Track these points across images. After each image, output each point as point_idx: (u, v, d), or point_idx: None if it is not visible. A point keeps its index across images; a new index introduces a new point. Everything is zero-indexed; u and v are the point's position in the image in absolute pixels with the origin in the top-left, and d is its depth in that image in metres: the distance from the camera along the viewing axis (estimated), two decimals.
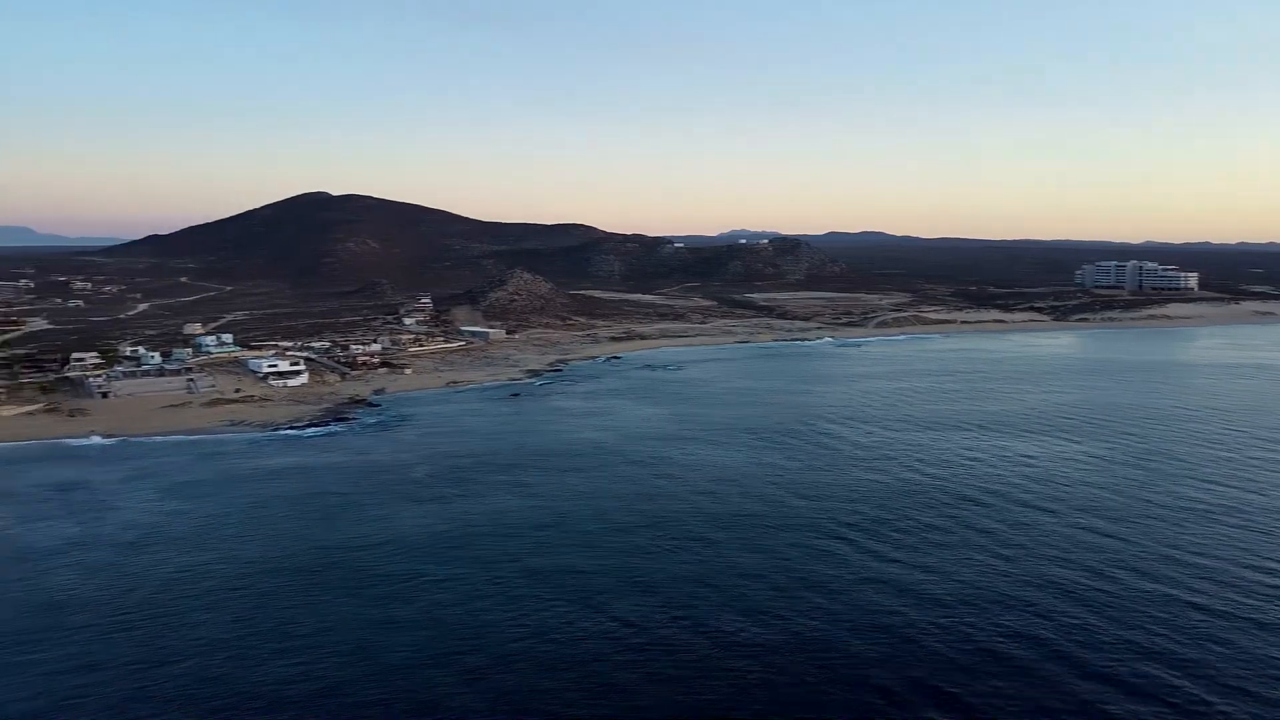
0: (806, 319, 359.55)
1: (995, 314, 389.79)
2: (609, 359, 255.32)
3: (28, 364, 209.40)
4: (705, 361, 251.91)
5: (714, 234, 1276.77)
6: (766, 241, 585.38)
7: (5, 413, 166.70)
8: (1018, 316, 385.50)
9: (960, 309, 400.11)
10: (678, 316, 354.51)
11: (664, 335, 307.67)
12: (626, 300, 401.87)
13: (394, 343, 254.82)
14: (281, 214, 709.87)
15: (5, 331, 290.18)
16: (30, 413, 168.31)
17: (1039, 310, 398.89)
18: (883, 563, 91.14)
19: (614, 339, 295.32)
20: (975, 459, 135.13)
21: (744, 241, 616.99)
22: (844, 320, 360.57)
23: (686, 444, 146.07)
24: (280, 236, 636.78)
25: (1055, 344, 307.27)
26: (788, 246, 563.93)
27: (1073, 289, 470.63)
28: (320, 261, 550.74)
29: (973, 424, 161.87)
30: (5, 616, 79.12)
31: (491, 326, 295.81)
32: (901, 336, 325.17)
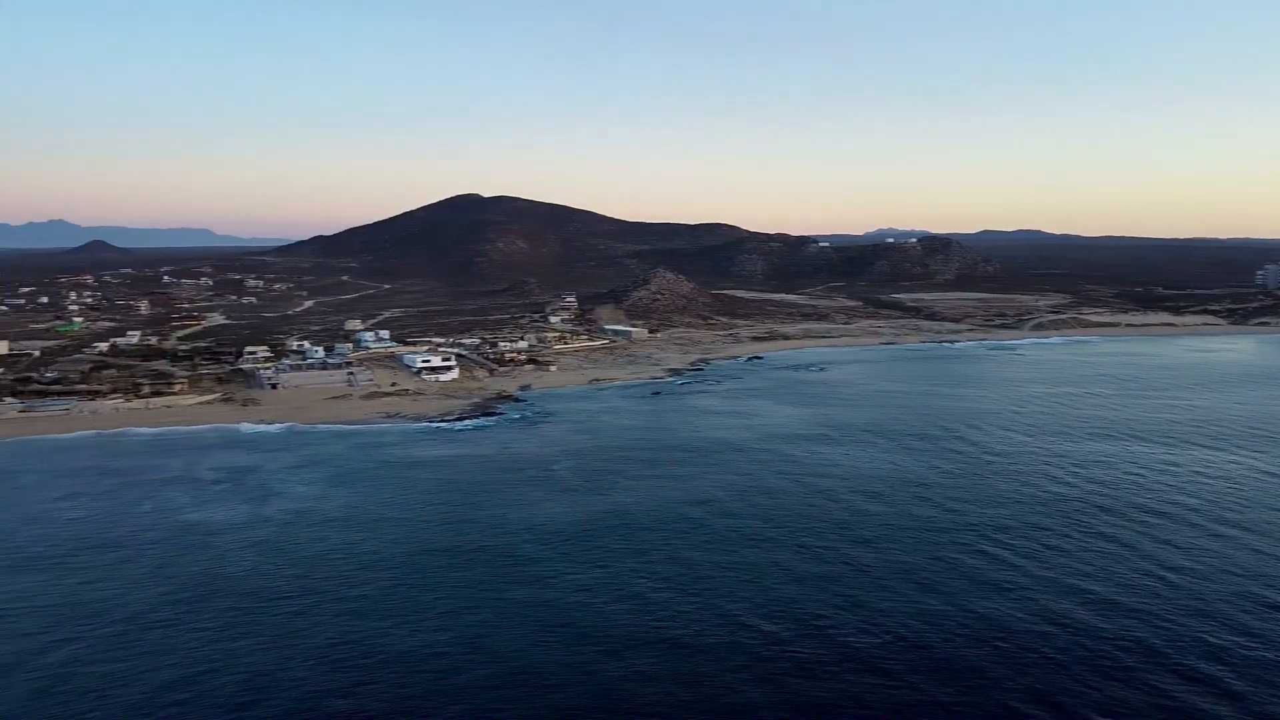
0: (956, 321, 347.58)
1: (1164, 317, 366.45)
2: (750, 359, 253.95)
3: (206, 356, 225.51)
4: (849, 363, 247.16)
5: (860, 233, 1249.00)
6: (915, 241, 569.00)
7: (185, 401, 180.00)
8: (1189, 320, 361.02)
9: (1124, 311, 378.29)
10: (821, 317, 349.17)
11: (807, 335, 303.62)
12: (769, 300, 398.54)
13: (540, 340, 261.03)
14: (437, 215, 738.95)
15: (187, 326, 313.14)
16: (208, 401, 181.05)
17: (1214, 313, 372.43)
18: (1037, 583, 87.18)
19: (756, 339, 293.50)
20: (1143, 472, 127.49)
21: (891, 241, 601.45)
22: (996, 322, 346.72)
23: (828, 446, 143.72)
24: (435, 237, 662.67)
25: (1233, 349, 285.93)
26: (937, 246, 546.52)
27: (1253, 290, 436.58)
28: (472, 261, 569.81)
29: (1140, 434, 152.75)
30: (185, 585, 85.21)
31: (634, 325, 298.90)
32: (1059, 340, 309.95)
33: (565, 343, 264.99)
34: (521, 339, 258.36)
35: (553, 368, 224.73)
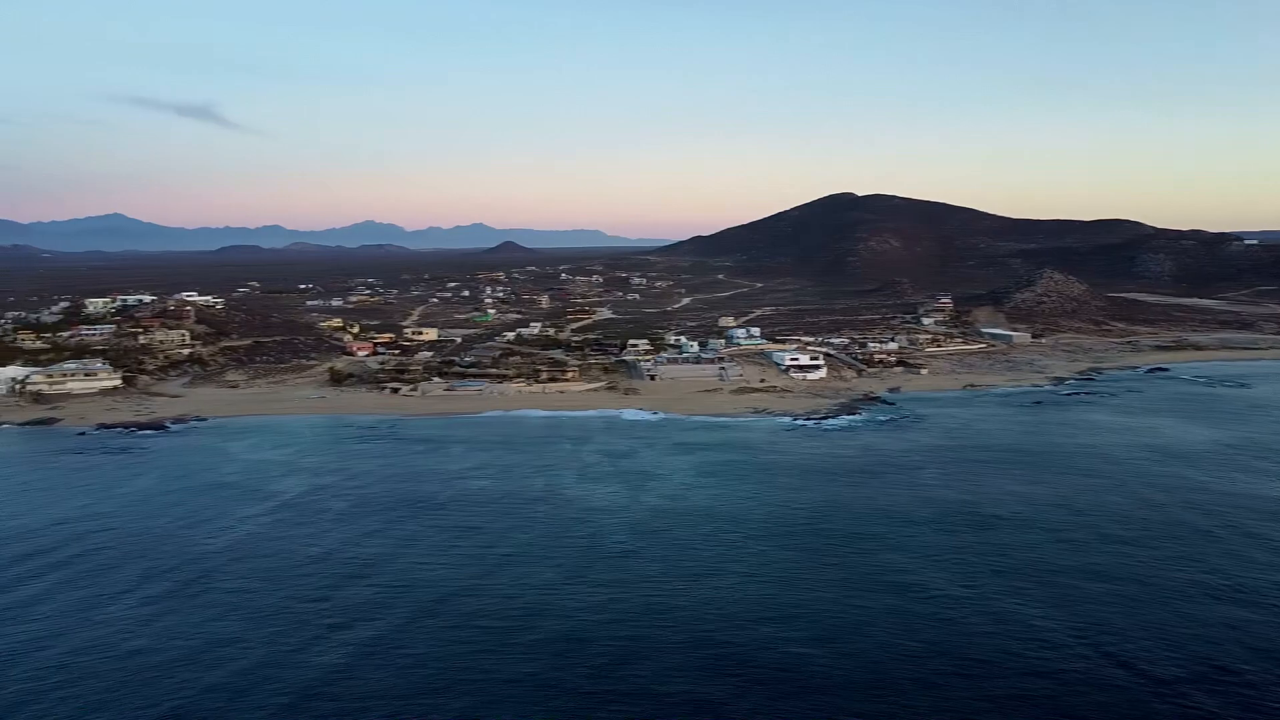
0: None
1: None
2: (1152, 370, 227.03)
3: (595, 347, 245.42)
4: None
5: None
6: None
7: (576, 387, 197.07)
8: None
9: None
10: (1244, 325, 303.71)
11: (1225, 346, 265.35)
12: (1178, 305, 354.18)
13: (911, 342, 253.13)
14: (809, 215, 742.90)
15: (579, 319, 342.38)
16: (595, 389, 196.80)
17: None
18: None
19: (1160, 348, 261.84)
20: None
21: None
22: None
23: (1251, 476, 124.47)
24: (807, 236, 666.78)
25: None
26: None
27: None
28: (843, 260, 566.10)
29: None
30: (568, 557, 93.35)
31: (1015, 329, 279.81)
32: None
33: (938, 345, 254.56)
34: (891, 340, 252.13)
35: (924, 371, 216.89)
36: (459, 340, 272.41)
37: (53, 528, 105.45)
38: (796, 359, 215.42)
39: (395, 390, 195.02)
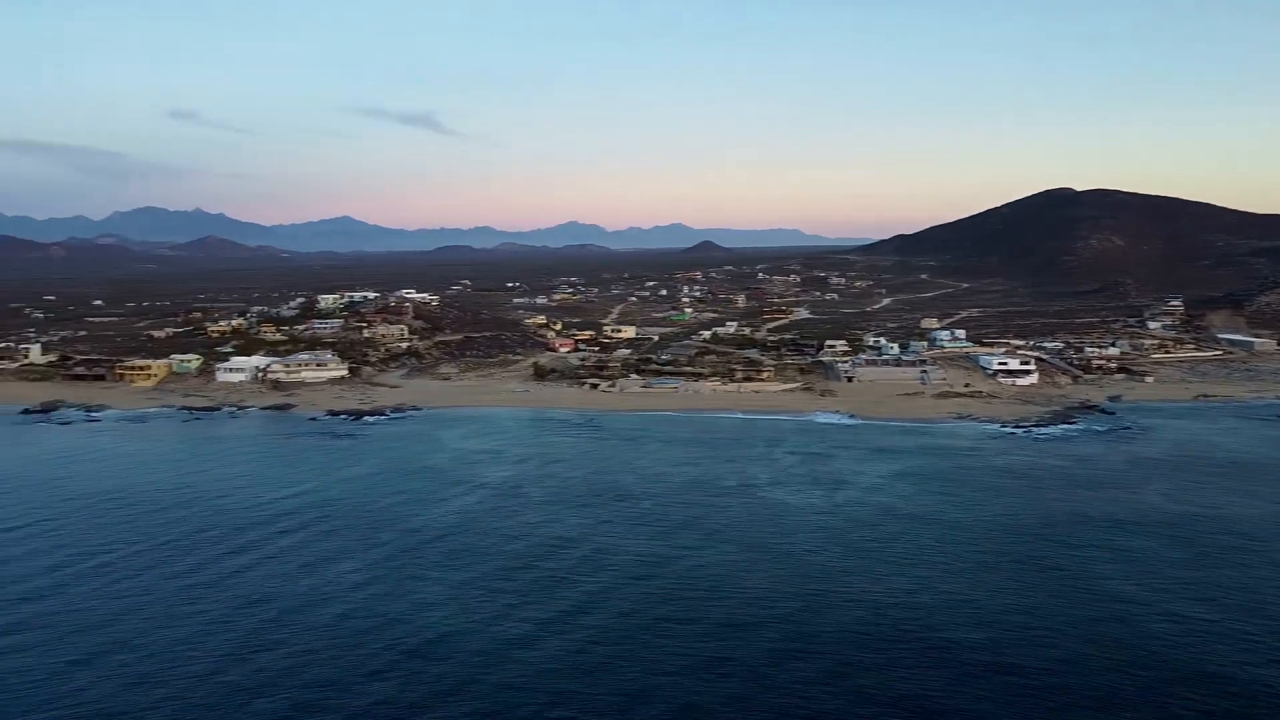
0: None
1: None
2: None
3: (791, 347, 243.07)
4: None
5: None
6: None
7: (770, 387, 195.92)
8: None
9: None
10: None
11: None
12: None
13: (1134, 347, 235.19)
14: (1021, 212, 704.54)
15: (776, 318, 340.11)
16: (790, 390, 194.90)
17: None
18: None
19: None
20: None
21: None
22: None
23: None
24: (1018, 234, 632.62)
25: None
26: None
27: None
28: (1058, 260, 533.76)
29: None
30: (762, 555, 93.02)
31: (1258, 335, 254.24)
32: None
33: (1166, 351, 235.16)
34: (1112, 345, 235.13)
35: (1149, 378, 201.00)
36: (656, 338, 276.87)
37: (286, 502, 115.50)
38: (1005, 363, 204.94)
39: (594, 386, 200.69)
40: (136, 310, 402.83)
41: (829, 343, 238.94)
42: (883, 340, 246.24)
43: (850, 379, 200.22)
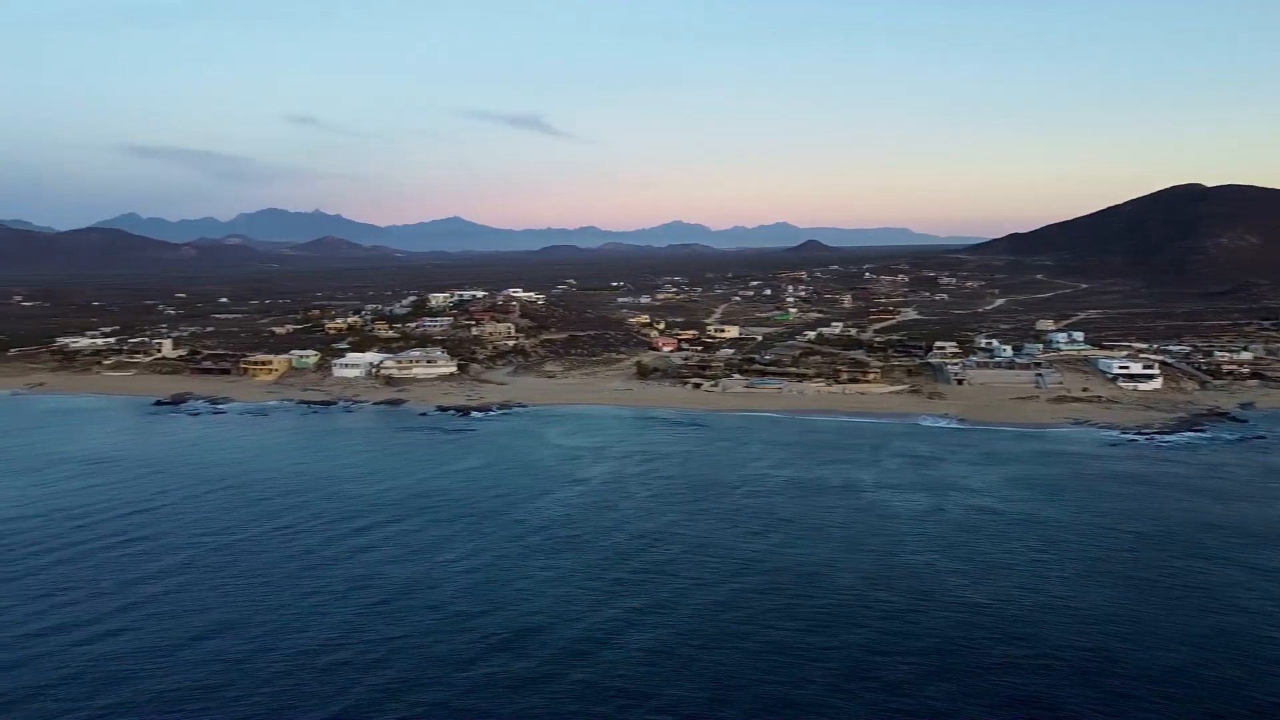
0: None
1: None
2: None
3: (898, 349, 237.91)
4: None
5: None
6: None
7: (877, 389, 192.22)
8: None
9: None
10: None
11: None
12: None
13: (1269, 351, 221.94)
14: (1145, 209, 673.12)
15: (883, 319, 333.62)
16: (896, 392, 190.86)
17: None
18: None
19: None
20: None
21: None
22: None
23: None
24: (1142, 233, 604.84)
25: None
26: None
27: None
28: (1186, 259, 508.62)
29: None
30: (863, 564, 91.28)
31: None
32: None
33: None
34: (1244, 349, 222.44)
35: None
36: (759, 338, 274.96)
37: (397, 493, 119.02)
38: (1126, 367, 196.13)
39: (697, 385, 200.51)
40: (259, 308, 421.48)
41: (938, 344, 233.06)
42: (995, 342, 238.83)
43: (960, 382, 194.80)
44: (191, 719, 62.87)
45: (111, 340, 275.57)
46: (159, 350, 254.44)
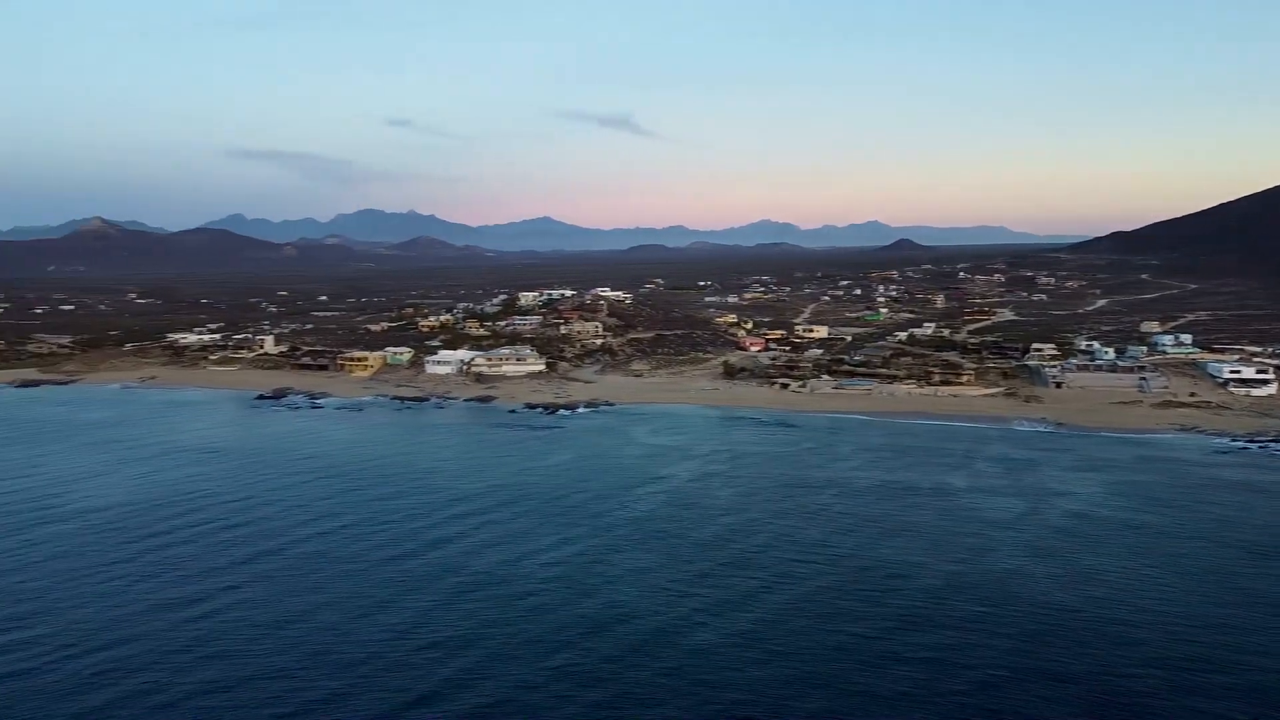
0: None
1: None
2: None
3: (993, 350, 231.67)
4: None
5: None
6: None
7: (970, 391, 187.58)
8: None
9: None
10: None
11: None
12: None
13: None
14: (1262, 205, 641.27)
15: (977, 320, 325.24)
16: (991, 394, 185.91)
17: None
18: None
19: None
20: None
21: None
22: None
23: None
24: (1257, 230, 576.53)
25: None
26: None
27: None
28: None
29: None
30: (949, 567, 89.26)
31: None
32: None
33: None
34: None
35: None
36: (849, 339, 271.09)
37: (486, 488, 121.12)
38: (1238, 371, 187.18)
39: (784, 386, 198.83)
40: (356, 306, 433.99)
41: (1035, 346, 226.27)
42: (1096, 344, 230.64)
43: (1059, 385, 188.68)
44: (291, 691, 65.65)
45: (217, 336, 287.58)
46: (261, 346, 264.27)
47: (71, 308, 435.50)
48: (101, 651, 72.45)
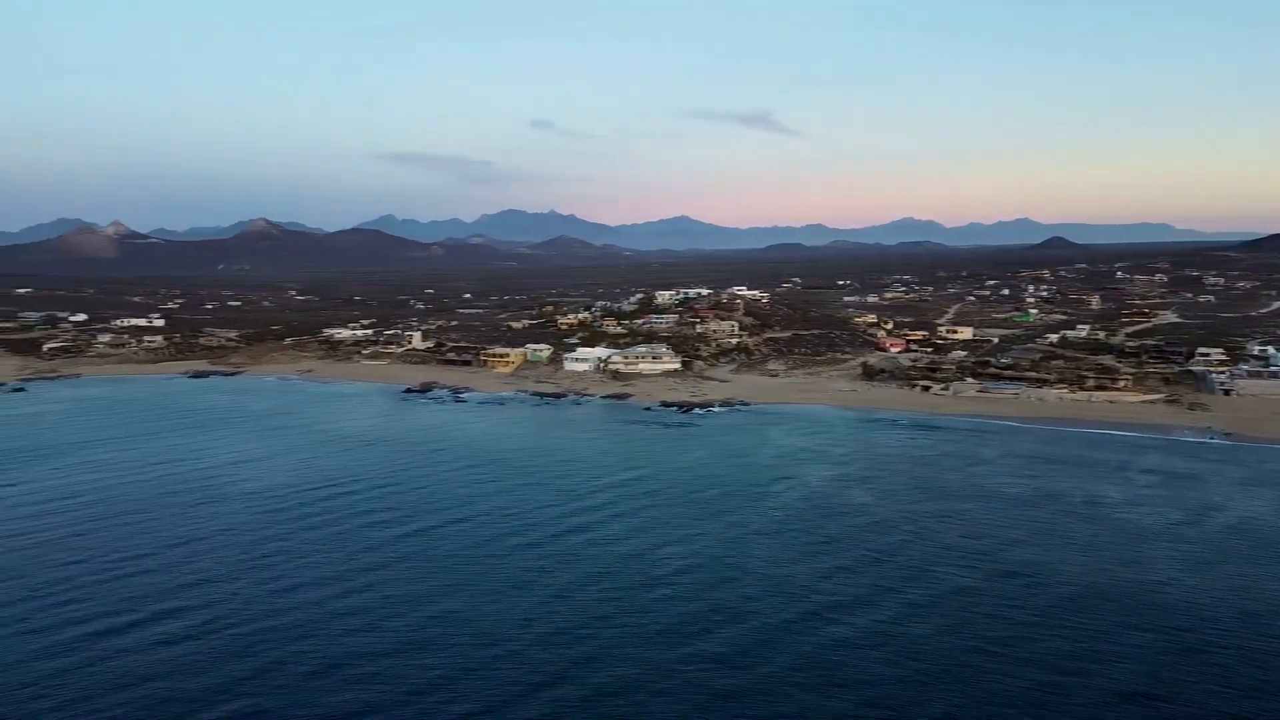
0: None
1: None
2: None
3: (1154, 354, 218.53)
4: None
5: None
6: None
7: (1128, 397, 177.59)
8: None
9: None
10: None
11: None
12: None
13: None
14: None
15: (1136, 322, 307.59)
16: (1150, 401, 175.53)
17: None
18: None
19: None
20: None
21: None
22: None
23: None
24: None
25: None
26: None
27: None
28: None
29: None
30: (1104, 582, 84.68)
31: None
32: None
33: None
34: None
35: None
36: (995, 340, 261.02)
37: (622, 485, 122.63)
38: None
39: (926, 388, 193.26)
40: (498, 303, 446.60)
41: (1201, 350, 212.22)
42: (1271, 349, 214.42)
43: (1228, 392, 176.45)
44: (420, 670, 68.61)
45: (369, 332, 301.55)
46: (410, 342, 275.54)
47: (238, 304, 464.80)
48: (256, 622, 77.76)
